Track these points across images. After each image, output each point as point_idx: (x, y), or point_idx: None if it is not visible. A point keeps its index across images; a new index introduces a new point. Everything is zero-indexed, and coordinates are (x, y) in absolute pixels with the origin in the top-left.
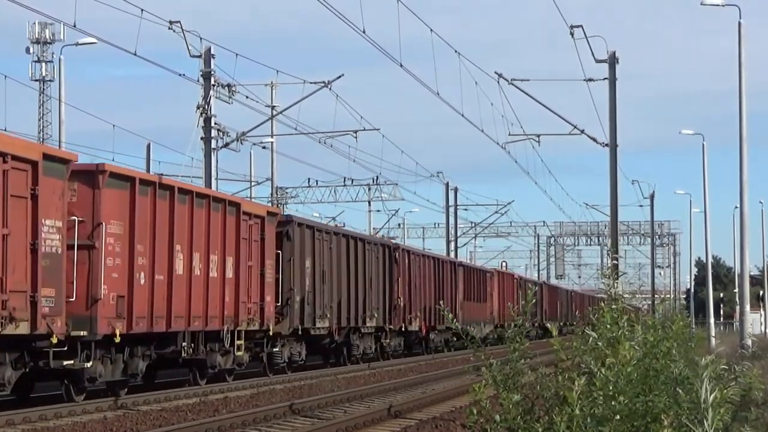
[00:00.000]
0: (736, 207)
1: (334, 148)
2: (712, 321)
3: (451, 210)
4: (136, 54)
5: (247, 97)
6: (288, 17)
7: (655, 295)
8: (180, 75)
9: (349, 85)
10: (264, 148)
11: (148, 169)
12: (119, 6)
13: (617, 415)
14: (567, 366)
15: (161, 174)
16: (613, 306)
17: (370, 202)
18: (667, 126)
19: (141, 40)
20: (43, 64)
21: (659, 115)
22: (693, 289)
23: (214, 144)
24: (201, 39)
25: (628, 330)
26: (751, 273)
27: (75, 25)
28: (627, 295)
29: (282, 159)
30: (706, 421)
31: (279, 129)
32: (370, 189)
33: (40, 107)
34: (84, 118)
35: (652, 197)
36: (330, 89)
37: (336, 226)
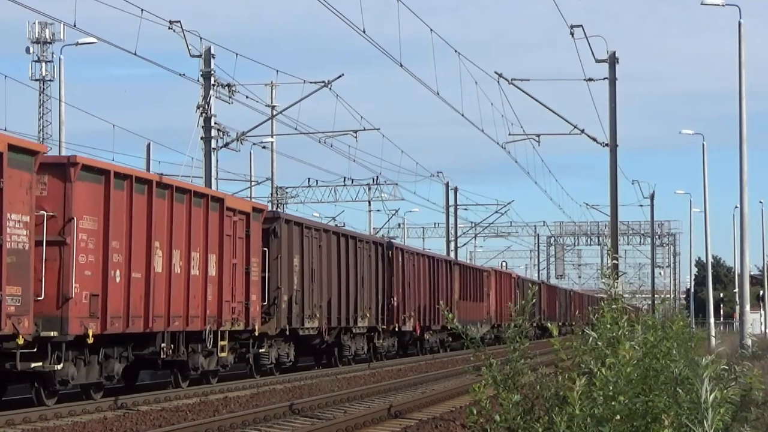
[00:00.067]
0: (736, 207)
1: (334, 148)
2: (712, 321)
3: (451, 210)
4: (136, 54)
5: (247, 97)
6: (288, 17)
7: (655, 295)
8: (180, 75)
9: (349, 85)
10: (264, 148)
11: (148, 169)
12: (119, 6)
13: (617, 415)
14: (567, 366)
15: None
16: (613, 306)
17: (370, 202)
18: (667, 126)
19: (141, 40)
20: (43, 64)
21: (659, 115)
22: (693, 289)
23: (214, 144)
24: (201, 39)
25: (628, 330)
26: (751, 273)
27: (75, 25)
28: (627, 295)
29: (282, 159)
30: (706, 421)
31: (279, 129)
32: (370, 189)
33: (40, 107)
34: (84, 118)
35: (652, 197)
36: (330, 89)
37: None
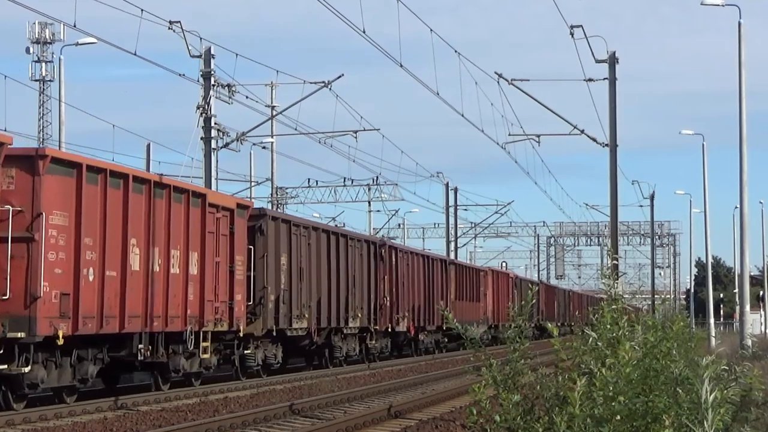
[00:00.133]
0: (736, 207)
1: (334, 148)
2: (712, 321)
3: (451, 210)
4: (136, 54)
5: (247, 97)
6: (288, 17)
7: (656, 296)
8: (180, 75)
9: (349, 85)
10: (264, 148)
11: (148, 169)
12: (119, 6)
13: (617, 416)
14: (567, 366)
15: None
16: (613, 306)
17: (370, 202)
18: (667, 126)
19: (141, 40)
20: (43, 64)
21: (659, 115)
22: (693, 290)
23: (214, 144)
24: (201, 39)
25: (628, 330)
26: (751, 273)
27: (75, 25)
28: (627, 296)
29: (282, 159)
30: (706, 422)
31: (279, 129)
32: (370, 189)
33: (40, 107)
34: (84, 118)
35: (652, 197)
36: (330, 89)
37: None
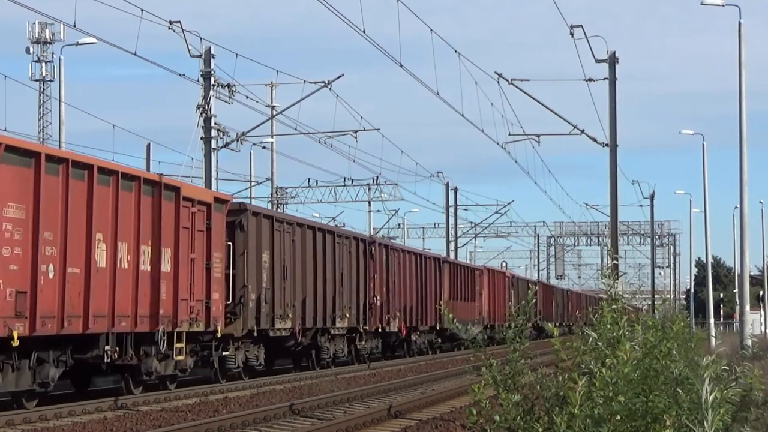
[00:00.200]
0: (736, 207)
1: (334, 148)
2: (712, 321)
3: (451, 210)
4: (136, 54)
5: (247, 97)
6: (288, 17)
7: (656, 296)
8: (180, 75)
9: (349, 85)
10: (264, 148)
11: (148, 169)
12: (119, 6)
13: (617, 416)
14: (567, 366)
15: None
16: (613, 306)
17: (370, 202)
18: (667, 126)
19: (141, 40)
20: (43, 64)
21: (659, 115)
22: (693, 290)
23: (214, 144)
24: (201, 39)
25: (628, 330)
26: (751, 273)
27: (75, 25)
28: (627, 296)
29: (282, 159)
30: (706, 422)
31: (279, 129)
32: (370, 189)
33: (40, 107)
34: (84, 118)
35: (652, 197)
36: (330, 89)
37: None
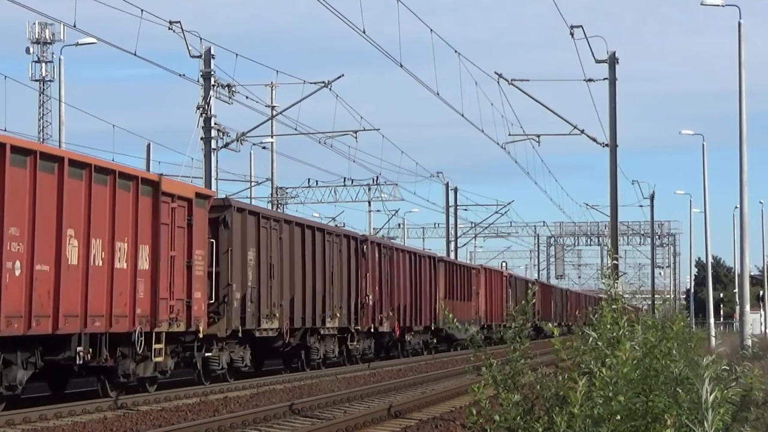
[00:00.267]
0: (736, 207)
1: (334, 148)
2: (712, 321)
3: (451, 210)
4: (136, 54)
5: (247, 98)
6: (288, 17)
7: (656, 296)
8: (180, 75)
9: (349, 86)
10: (264, 148)
11: (148, 169)
12: (119, 6)
13: (617, 415)
14: (567, 366)
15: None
16: (614, 306)
17: (370, 202)
18: (667, 126)
19: (141, 40)
20: (43, 64)
21: (659, 115)
22: (693, 289)
23: (214, 144)
24: (201, 39)
25: (628, 330)
26: (751, 273)
27: (75, 25)
28: (627, 296)
29: (282, 159)
30: (706, 422)
31: (279, 129)
32: (370, 189)
33: (40, 107)
34: (84, 118)
35: (652, 197)
36: (330, 89)
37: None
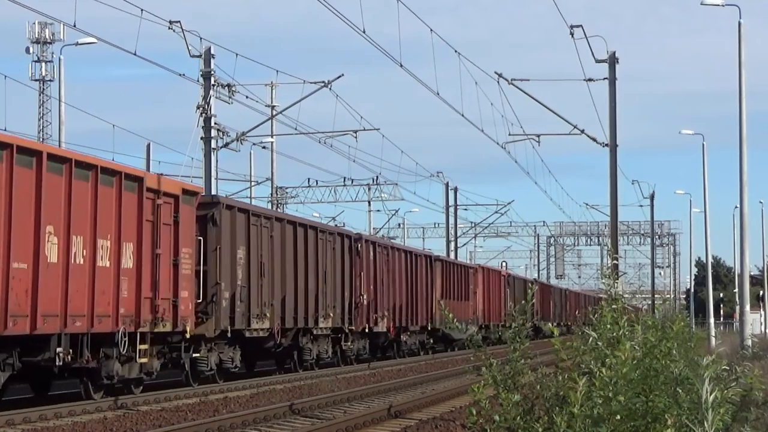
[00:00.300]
0: (736, 207)
1: (334, 148)
2: (712, 321)
3: (451, 210)
4: (136, 54)
5: (247, 97)
6: (288, 17)
7: (656, 295)
8: (180, 75)
9: (349, 85)
10: (264, 148)
11: (148, 169)
12: (119, 6)
13: (617, 415)
14: (567, 366)
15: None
16: (614, 306)
17: (370, 202)
18: (667, 126)
19: (141, 40)
20: (43, 64)
21: (659, 115)
22: (693, 289)
23: (214, 144)
24: (201, 39)
25: (628, 330)
26: (751, 273)
27: (75, 25)
28: (627, 295)
29: (282, 159)
30: (706, 422)
31: (279, 129)
32: (370, 189)
33: (40, 107)
34: (84, 118)
35: (652, 197)
36: (330, 89)
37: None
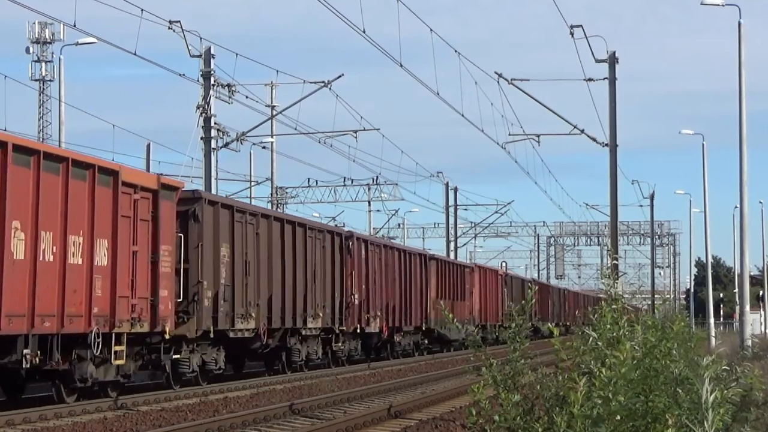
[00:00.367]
0: (736, 207)
1: (334, 148)
2: (712, 321)
3: (451, 210)
4: (136, 54)
5: (247, 97)
6: (288, 17)
7: (656, 295)
8: (180, 75)
9: (349, 85)
10: (264, 148)
11: (148, 169)
12: (119, 6)
13: (617, 415)
14: (567, 366)
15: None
16: (613, 306)
17: (370, 202)
18: (667, 126)
19: (141, 40)
20: (43, 64)
21: (659, 115)
22: (693, 289)
23: (214, 144)
24: (201, 39)
25: (628, 330)
26: (751, 273)
27: (75, 25)
28: (627, 295)
29: (282, 159)
30: (706, 422)
31: (279, 129)
32: (370, 189)
33: (39, 107)
34: (84, 118)
35: (652, 197)
36: (330, 89)
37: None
